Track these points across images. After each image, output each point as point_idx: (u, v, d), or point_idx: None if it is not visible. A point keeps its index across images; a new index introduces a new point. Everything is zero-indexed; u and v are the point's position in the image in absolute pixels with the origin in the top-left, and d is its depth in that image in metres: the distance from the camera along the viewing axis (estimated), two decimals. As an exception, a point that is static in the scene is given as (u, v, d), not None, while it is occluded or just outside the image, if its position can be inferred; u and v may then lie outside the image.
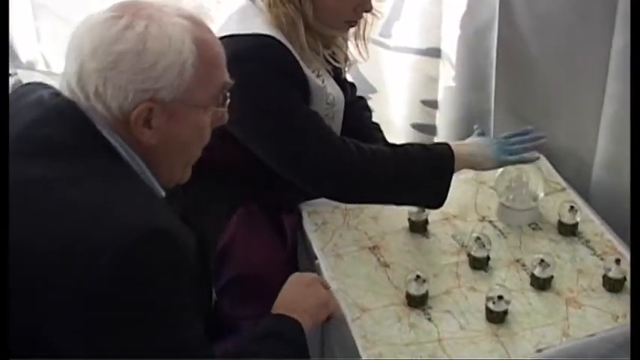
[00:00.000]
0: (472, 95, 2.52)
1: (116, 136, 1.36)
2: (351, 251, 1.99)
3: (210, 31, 1.42)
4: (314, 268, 1.97)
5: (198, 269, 1.42)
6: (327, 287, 1.81)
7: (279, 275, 1.86)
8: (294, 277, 1.76)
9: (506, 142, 2.01)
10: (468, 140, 2.05)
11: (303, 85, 1.90)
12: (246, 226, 2.03)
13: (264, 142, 1.85)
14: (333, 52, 2.00)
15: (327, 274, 1.92)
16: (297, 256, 2.10)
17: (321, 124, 1.90)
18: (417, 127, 2.79)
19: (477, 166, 1.99)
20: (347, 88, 2.11)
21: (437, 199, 1.92)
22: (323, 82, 1.96)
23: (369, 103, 2.35)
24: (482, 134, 2.08)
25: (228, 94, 1.45)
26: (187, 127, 1.40)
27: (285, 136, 1.85)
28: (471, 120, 2.47)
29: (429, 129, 2.77)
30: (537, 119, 2.24)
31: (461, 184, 2.15)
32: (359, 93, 2.33)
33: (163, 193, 1.45)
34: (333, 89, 2.01)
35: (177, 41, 1.35)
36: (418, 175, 1.90)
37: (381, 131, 2.26)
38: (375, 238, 2.04)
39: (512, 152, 1.99)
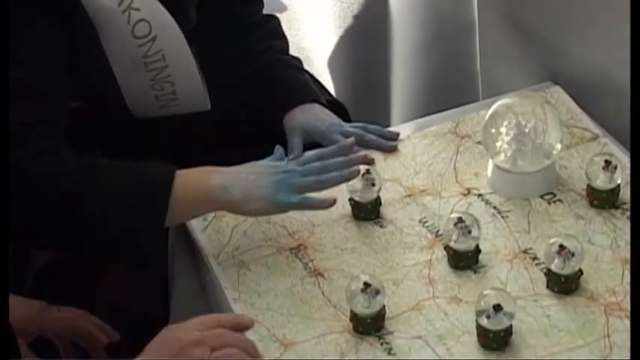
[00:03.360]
0: (444, 3, 2.11)
1: None
2: (262, 256, 1.64)
3: None
4: (203, 283, 1.63)
5: None
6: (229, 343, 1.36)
7: None
8: (163, 335, 1.35)
9: (303, 168, 1.56)
10: (240, 168, 1.58)
11: (67, 9, 1.55)
12: None
13: None
14: None
15: (228, 294, 1.57)
16: None
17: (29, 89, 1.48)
18: (357, 62, 2.33)
19: (236, 206, 1.54)
20: (191, 12, 1.72)
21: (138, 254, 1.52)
22: (122, 3, 1.61)
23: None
24: (280, 159, 1.62)
25: None
26: None
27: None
28: (441, 45, 2.07)
29: (374, 63, 2.31)
30: (548, 35, 1.84)
31: (431, 139, 1.82)
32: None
33: None
34: (151, 14, 1.63)
35: None
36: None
37: (304, 71, 1.85)
38: (299, 233, 1.67)
39: (301, 188, 1.53)
